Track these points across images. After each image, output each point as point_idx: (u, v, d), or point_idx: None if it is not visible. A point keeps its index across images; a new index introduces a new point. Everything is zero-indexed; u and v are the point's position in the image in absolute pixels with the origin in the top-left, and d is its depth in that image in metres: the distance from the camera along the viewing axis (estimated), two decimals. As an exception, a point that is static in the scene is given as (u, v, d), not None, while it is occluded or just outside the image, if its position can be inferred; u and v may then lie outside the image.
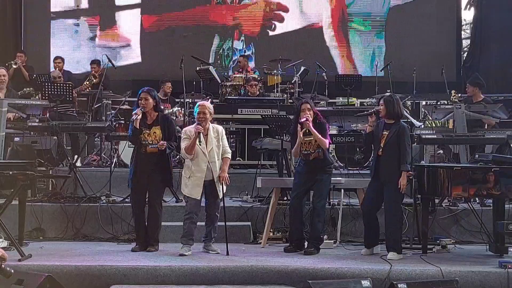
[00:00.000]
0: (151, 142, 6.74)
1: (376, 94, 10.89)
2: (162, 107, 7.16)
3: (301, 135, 6.73)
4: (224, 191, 6.75)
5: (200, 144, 6.54)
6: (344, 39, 13.68)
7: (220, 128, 6.87)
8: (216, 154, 6.66)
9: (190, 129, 6.75)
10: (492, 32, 13.39)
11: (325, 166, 6.84)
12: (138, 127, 6.69)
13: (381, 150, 6.65)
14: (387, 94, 6.93)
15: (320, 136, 6.69)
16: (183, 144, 6.68)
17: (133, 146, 7.01)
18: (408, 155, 6.65)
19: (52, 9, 13.48)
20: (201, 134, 6.54)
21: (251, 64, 12.41)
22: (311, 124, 6.69)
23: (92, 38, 13.48)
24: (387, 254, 6.57)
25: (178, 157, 9.31)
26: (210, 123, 6.78)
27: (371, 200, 6.77)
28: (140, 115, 6.70)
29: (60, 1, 13.53)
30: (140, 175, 6.75)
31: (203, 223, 6.84)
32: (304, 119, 6.68)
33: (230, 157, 6.83)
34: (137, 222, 6.87)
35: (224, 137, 6.84)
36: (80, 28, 13.49)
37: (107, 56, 10.58)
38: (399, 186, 6.51)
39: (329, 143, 6.92)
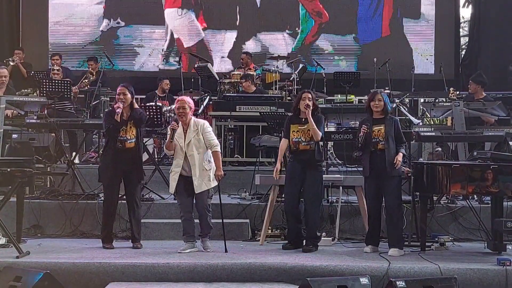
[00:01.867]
0: (129, 137, 6.77)
1: (375, 91, 10.86)
2: (137, 105, 7.08)
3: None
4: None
5: (172, 141, 6.60)
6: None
7: (202, 121, 6.80)
8: (196, 148, 6.60)
9: None
10: (490, 29, 13.39)
11: (316, 161, 6.77)
12: (119, 121, 6.69)
13: (381, 144, 6.62)
14: (385, 90, 6.94)
15: (315, 126, 6.69)
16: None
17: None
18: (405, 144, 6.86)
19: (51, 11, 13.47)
20: (174, 130, 6.59)
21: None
22: (310, 113, 6.70)
23: (91, 35, 13.46)
24: (387, 251, 6.58)
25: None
26: (193, 117, 6.76)
27: (376, 199, 6.71)
28: (122, 109, 6.71)
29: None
30: (115, 171, 6.76)
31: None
32: (307, 104, 6.71)
33: (219, 150, 6.73)
34: (107, 219, 6.84)
35: (207, 130, 6.69)
36: (79, 26, 13.45)
37: (105, 54, 10.57)
38: (395, 162, 6.52)
39: (322, 138, 6.81)
